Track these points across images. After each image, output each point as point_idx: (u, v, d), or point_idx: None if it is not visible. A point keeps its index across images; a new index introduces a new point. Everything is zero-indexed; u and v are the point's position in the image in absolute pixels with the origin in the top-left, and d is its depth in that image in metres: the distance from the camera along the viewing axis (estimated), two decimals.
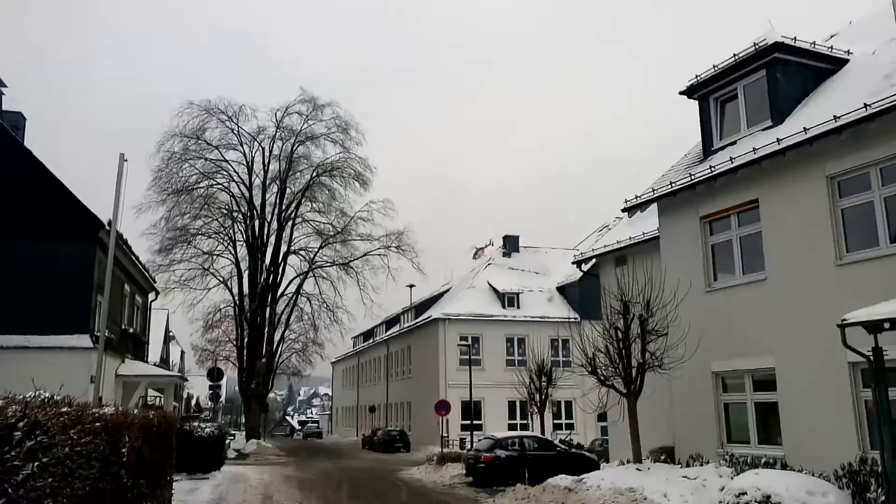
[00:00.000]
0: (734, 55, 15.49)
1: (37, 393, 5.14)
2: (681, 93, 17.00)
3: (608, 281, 20.13)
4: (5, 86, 23.12)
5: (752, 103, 15.51)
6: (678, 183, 15.85)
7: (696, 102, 16.85)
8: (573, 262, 24.94)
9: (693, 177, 15.40)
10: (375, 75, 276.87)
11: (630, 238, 20.51)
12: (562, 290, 46.88)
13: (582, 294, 40.77)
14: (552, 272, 48.68)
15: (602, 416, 28.51)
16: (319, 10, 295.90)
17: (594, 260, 23.03)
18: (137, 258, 25.43)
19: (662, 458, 16.15)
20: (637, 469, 14.76)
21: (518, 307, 45.06)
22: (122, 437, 8.01)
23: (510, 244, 51.35)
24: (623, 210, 18.76)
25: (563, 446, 23.65)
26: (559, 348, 38.93)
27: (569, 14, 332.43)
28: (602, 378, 16.30)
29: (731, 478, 12.35)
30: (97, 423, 6.56)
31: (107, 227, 18.88)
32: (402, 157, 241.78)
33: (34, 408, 4.38)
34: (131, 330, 25.33)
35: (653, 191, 16.91)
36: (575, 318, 35.80)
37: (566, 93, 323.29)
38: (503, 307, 44.90)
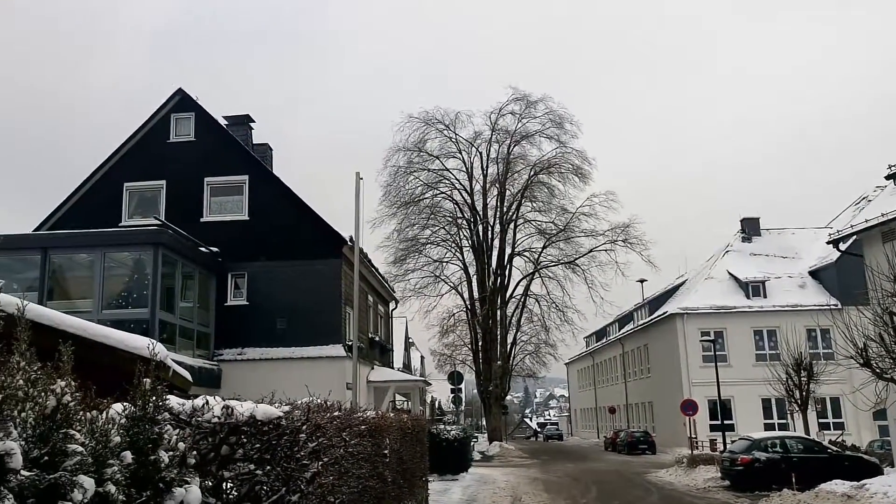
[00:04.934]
0: None
1: (311, 398, 5.53)
2: None
3: (875, 259, 17.74)
4: (253, 121, 25.61)
5: None
6: None
7: None
8: (828, 242, 22.53)
9: None
10: (583, 59, 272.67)
11: None
12: (815, 274, 42.39)
13: (840, 277, 36.62)
14: (801, 255, 44.19)
15: (879, 414, 25.25)
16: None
17: (855, 237, 20.52)
18: (377, 270, 27.16)
19: None
20: None
21: (764, 296, 41.49)
22: (383, 439, 8.48)
23: (749, 228, 47.26)
24: (887, 178, 16.52)
25: (835, 448, 21.19)
26: (817, 339, 35.26)
27: None
28: (878, 371, 14.41)
29: None
30: (363, 427, 6.98)
31: (349, 243, 20.25)
32: (622, 142, 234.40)
33: (313, 412, 4.70)
34: (377, 338, 27.10)
35: None
36: (834, 305, 32.31)
37: (792, 52, 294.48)
38: (747, 297, 41.60)
